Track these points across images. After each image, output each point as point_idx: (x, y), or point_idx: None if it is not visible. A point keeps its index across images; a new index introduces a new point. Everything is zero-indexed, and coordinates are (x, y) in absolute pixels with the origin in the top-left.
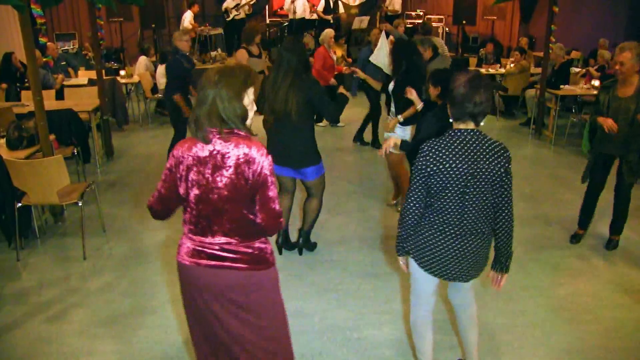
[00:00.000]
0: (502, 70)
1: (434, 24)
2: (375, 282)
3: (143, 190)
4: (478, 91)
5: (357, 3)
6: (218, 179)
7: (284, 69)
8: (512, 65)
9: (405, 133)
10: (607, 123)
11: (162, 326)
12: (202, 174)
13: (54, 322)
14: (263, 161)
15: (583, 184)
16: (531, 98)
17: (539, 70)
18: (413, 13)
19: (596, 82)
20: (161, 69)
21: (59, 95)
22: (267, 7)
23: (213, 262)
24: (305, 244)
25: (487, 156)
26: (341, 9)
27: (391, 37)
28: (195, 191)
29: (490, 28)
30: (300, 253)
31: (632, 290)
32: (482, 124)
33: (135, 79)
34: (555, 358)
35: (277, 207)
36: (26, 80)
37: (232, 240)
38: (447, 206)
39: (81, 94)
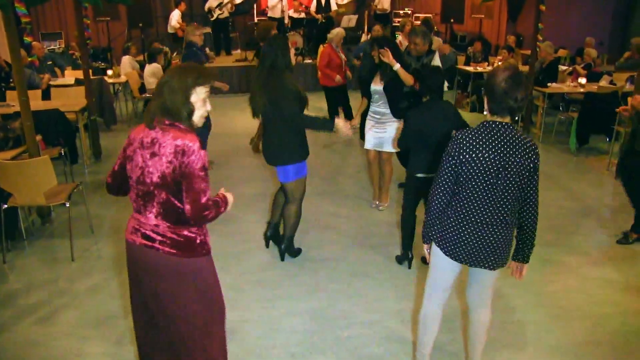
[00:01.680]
0: (490, 69)
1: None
2: (365, 281)
3: None
4: (519, 87)
5: (345, 2)
6: (152, 164)
7: (263, 66)
8: (500, 63)
9: (393, 131)
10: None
11: None
12: (142, 158)
13: (43, 324)
14: (194, 154)
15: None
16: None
17: (526, 68)
18: (401, 12)
19: (583, 80)
20: (150, 68)
21: (46, 95)
22: (255, 6)
23: (145, 242)
24: (288, 250)
25: (519, 150)
26: (334, 7)
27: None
28: (137, 172)
29: (478, 26)
30: (282, 259)
31: (619, 286)
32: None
33: (123, 78)
34: (544, 354)
35: (203, 200)
36: (11, 80)
37: (162, 224)
38: (473, 195)
39: (68, 93)
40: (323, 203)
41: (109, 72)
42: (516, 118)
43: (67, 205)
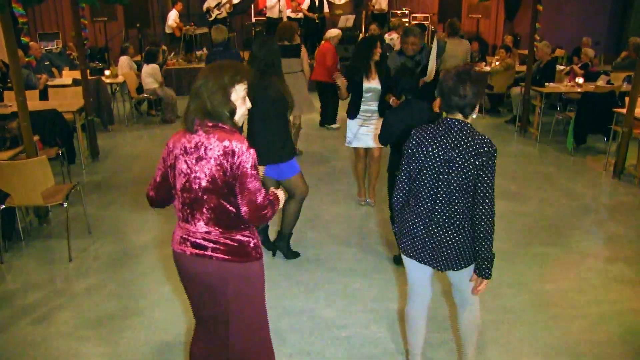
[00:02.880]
0: (488, 68)
1: (417, 22)
2: (362, 280)
3: (129, 191)
4: (464, 85)
5: (342, 2)
6: (199, 169)
7: (252, 67)
8: (497, 63)
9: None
10: None
11: (149, 327)
12: (187, 164)
13: (40, 324)
14: (243, 155)
15: None
16: (516, 96)
17: (523, 68)
18: (399, 12)
19: (580, 80)
20: (147, 68)
21: (43, 96)
22: (252, 6)
23: (196, 251)
24: (285, 250)
25: (466, 146)
26: (326, 8)
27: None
28: (181, 180)
29: (475, 26)
30: (274, 254)
31: (616, 285)
32: (473, 116)
33: (120, 79)
34: (541, 353)
35: (259, 199)
36: (9, 80)
37: (213, 230)
38: (422, 191)
39: (65, 94)
40: (321, 203)
41: (107, 72)
42: (474, 115)
43: (65, 205)
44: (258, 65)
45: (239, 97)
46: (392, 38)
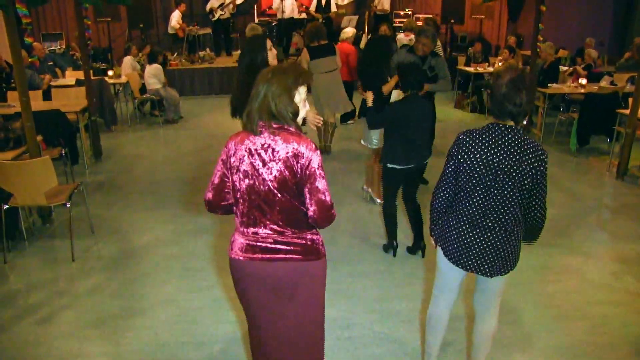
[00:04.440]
0: (491, 69)
1: (420, 23)
2: (365, 281)
3: (132, 191)
4: (520, 92)
5: (345, 2)
6: (268, 171)
7: (240, 65)
8: (500, 64)
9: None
10: None
11: (152, 327)
12: (254, 166)
13: (42, 324)
14: (311, 155)
15: None
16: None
17: (527, 69)
18: (402, 12)
19: (583, 81)
20: (150, 69)
21: (47, 96)
22: (255, 6)
23: (268, 255)
24: None
25: (521, 154)
26: (333, 8)
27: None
28: (247, 182)
29: (478, 27)
30: None
31: (619, 287)
32: (524, 123)
33: (124, 79)
34: (543, 355)
35: (328, 199)
36: (12, 80)
37: (285, 231)
38: (472, 197)
39: (69, 94)
40: None
41: (110, 72)
42: (524, 122)
43: (68, 205)
44: (245, 63)
45: (301, 99)
46: (411, 39)
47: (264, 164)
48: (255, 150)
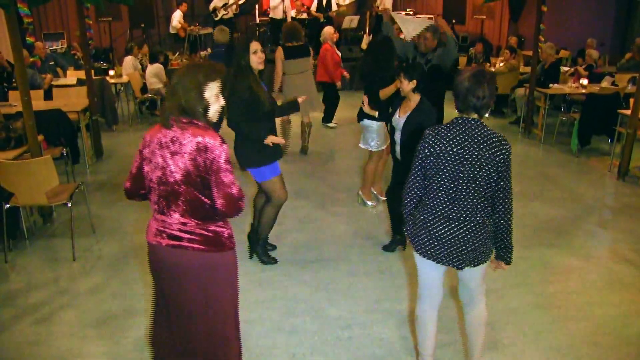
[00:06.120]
0: (492, 69)
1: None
2: (366, 281)
3: None
4: (481, 86)
5: (347, 2)
6: (174, 163)
7: (228, 69)
8: (501, 64)
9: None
10: None
11: None
12: (163, 158)
13: (43, 324)
14: (218, 150)
15: None
16: (521, 97)
17: (528, 69)
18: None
19: (584, 81)
20: (151, 69)
21: (48, 96)
22: (257, 6)
23: (172, 242)
24: (260, 254)
25: (485, 144)
26: (334, 7)
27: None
28: (157, 173)
29: (479, 27)
30: (251, 257)
31: (620, 287)
32: (486, 116)
33: (125, 78)
34: (545, 355)
35: (235, 191)
36: (14, 80)
37: (189, 222)
38: (441, 190)
39: (70, 94)
40: (323, 203)
41: (111, 72)
42: (486, 115)
43: (69, 205)
44: (235, 66)
45: (213, 94)
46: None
47: (172, 156)
48: (165, 143)
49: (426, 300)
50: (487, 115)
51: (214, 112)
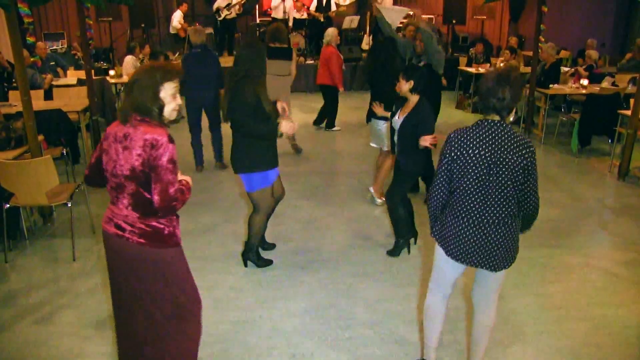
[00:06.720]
0: (492, 70)
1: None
2: (367, 281)
3: None
4: (503, 87)
5: (347, 2)
6: (123, 157)
7: (235, 70)
8: (502, 64)
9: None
10: None
11: None
12: (116, 151)
13: (43, 324)
14: (164, 148)
15: None
16: (521, 97)
17: (528, 69)
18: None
19: (585, 82)
20: None
21: (48, 95)
22: (257, 6)
23: (117, 232)
24: (255, 260)
25: (511, 147)
26: (333, 7)
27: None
28: (110, 165)
29: (480, 27)
30: (245, 265)
31: (620, 288)
32: (511, 119)
33: (125, 79)
34: (545, 355)
35: (171, 191)
36: (14, 80)
37: (131, 214)
38: (468, 193)
39: (70, 94)
40: (323, 203)
41: (111, 72)
42: (511, 118)
43: (69, 205)
44: (238, 70)
45: (168, 94)
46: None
47: (123, 150)
48: (119, 137)
49: (438, 294)
50: (511, 118)
51: (169, 111)
